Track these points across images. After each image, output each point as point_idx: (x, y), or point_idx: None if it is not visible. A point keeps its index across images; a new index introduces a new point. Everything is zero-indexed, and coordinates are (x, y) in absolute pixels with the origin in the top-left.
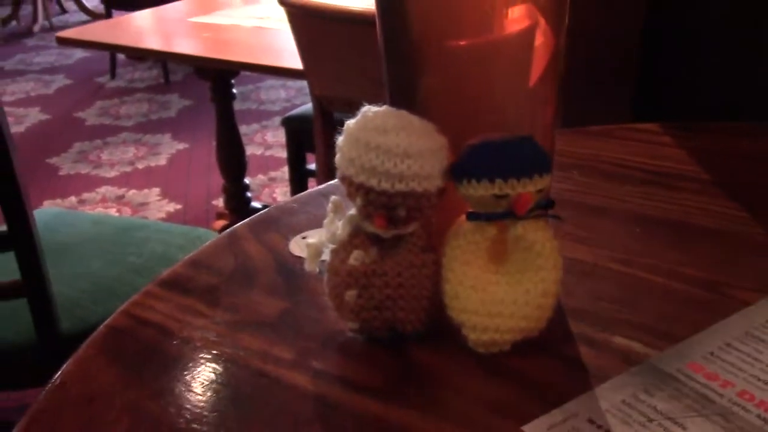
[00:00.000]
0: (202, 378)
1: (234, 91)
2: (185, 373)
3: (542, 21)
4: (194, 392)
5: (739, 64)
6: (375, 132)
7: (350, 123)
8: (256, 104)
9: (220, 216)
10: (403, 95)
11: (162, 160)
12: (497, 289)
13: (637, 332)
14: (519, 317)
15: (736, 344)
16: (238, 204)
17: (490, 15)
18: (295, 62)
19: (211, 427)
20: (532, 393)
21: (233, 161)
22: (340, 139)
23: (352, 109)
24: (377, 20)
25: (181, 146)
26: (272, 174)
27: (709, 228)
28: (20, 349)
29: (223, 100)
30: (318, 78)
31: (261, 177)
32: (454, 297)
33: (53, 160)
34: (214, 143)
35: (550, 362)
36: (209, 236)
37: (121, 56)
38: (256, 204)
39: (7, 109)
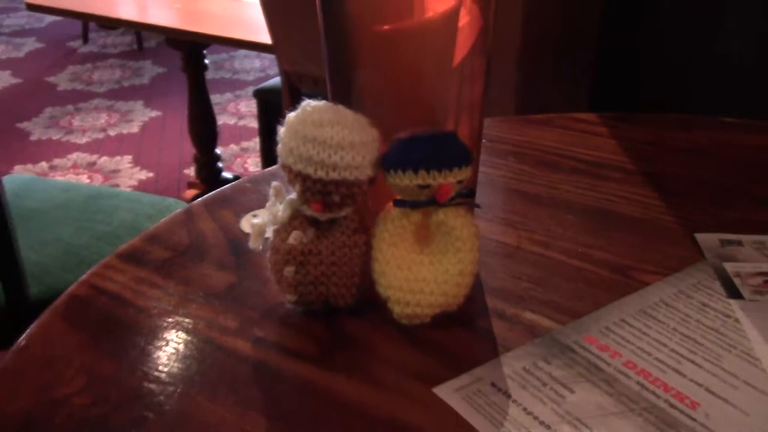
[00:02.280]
0: (153, 343)
1: (206, 61)
2: (138, 338)
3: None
4: (145, 355)
5: (696, 53)
6: (312, 125)
7: (291, 116)
8: (230, 73)
9: (191, 185)
10: (342, 86)
11: (134, 128)
12: (420, 268)
13: (545, 308)
14: (438, 294)
15: (630, 320)
16: (209, 174)
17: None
18: (266, 36)
19: (159, 385)
20: (446, 360)
21: (204, 132)
22: (281, 130)
23: (318, 87)
24: (319, 18)
25: (154, 114)
26: (245, 144)
27: (626, 215)
28: None
29: (195, 70)
30: (286, 53)
31: (233, 147)
32: (382, 275)
33: (24, 125)
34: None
35: (464, 334)
36: (178, 206)
37: None
38: (227, 174)
39: None
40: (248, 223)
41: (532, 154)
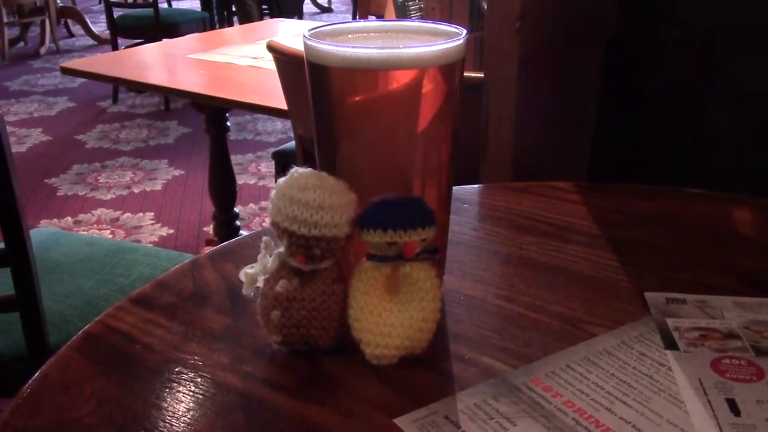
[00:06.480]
0: (155, 374)
1: (228, 123)
2: (143, 370)
3: (438, 85)
4: (148, 385)
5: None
6: (298, 189)
7: (281, 180)
8: (253, 134)
9: (209, 242)
10: (327, 156)
11: (158, 186)
12: (389, 315)
13: (501, 354)
14: (404, 337)
15: (574, 366)
16: (226, 232)
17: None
18: (283, 102)
19: (158, 411)
20: (408, 395)
21: (224, 191)
22: (272, 193)
23: None
24: (308, 91)
25: (177, 173)
26: (263, 204)
27: (584, 274)
28: (10, 360)
29: (217, 131)
30: (300, 119)
31: (252, 206)
32: (356, 319)
33: (52, 181)
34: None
35: (426, 373)
36: None
37: None
38: (244, 232)
39: (9, 129)
40: (244, 273)
41: (508, 218)
